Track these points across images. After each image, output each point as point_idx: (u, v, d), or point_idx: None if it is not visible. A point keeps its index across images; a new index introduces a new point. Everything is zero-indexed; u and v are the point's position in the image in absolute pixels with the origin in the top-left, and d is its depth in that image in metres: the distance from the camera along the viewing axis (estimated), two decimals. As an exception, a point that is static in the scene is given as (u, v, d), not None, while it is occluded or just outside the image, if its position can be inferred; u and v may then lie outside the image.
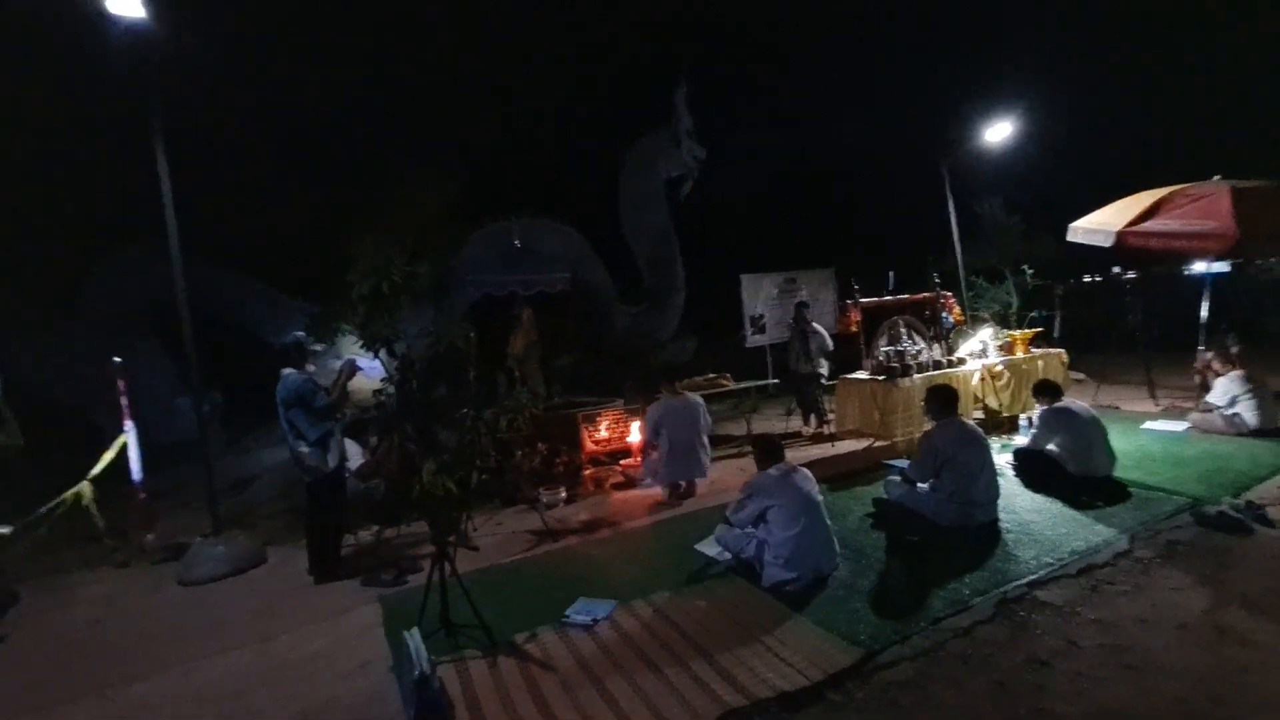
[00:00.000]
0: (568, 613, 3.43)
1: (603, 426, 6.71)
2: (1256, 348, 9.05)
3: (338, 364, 5.10)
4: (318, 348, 5.15)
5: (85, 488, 5.00)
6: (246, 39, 9.01)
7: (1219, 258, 7.86)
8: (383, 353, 5.72)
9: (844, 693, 2.64)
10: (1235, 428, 5.75)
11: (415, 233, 6.22)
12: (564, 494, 5.76)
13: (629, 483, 6.10)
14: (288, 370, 4.27)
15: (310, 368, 4.45)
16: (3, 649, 3.79)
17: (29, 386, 7.27)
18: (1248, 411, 5.71)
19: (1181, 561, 3.54)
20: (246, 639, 3.57)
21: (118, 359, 5.24)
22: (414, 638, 2.83)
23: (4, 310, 7.51)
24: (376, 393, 5.08)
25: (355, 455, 5.46)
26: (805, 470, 3.83)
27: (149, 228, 8.50)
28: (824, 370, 7.18)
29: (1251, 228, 5.64)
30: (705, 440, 5.60)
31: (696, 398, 5.72)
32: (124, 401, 5.13)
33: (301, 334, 4.59)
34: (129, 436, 5.15)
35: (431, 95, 11.30)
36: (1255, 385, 5.77)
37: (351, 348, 6.16)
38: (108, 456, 5.16)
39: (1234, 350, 6.18)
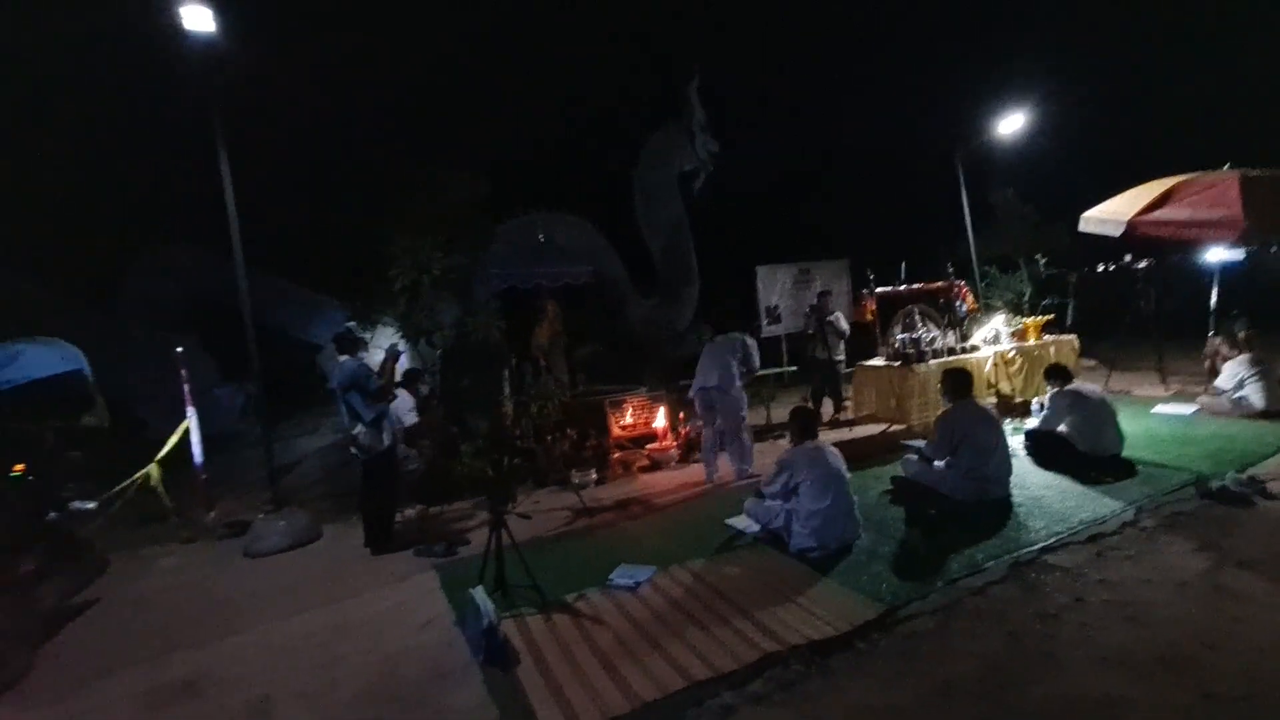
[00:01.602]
0: (611, 577, 3.74)
1: (628, 413, 7.01)
2: (1269, 333, 9.19)
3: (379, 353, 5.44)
4: (365, 336, 5.47)
5: (154, 469, 5.38)
6: (279, 45, 9.34)
7: (1229, 245, 8.00)
8: (421, 342, 6.09)
9: (869, 642, 2.92)
10: (1242, 410, 5.95)
11: (447, 229, 6.52)
12: (594, 475, 6.07)
13: (655, 466, 6.39)
14: (344, 357, 4.59)
15: (362, 354, 4.78)
16: (99, 609, 4.16)
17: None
18: (1254, 394, 5.90)
19: (1184, 530, 3.78)
20: (318, 601, 3.91)
21: (180, 349, 5.59)
22: (480, 593, 3.14)
23: (60, 304, 7.91)
24: (416, 378, 5.43)
25: (406, 407, 5.72)
26: (834, 448, 4.10)
27: (187, 228, 8.91)
28: (841, 357, 7.42)
29: (1259, 215, 5.81)
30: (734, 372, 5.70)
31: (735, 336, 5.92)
32: (186, 389, 5.48)
33: (352, 324, 4.91)
34: (191, 422, 5.51)
35: (455, 96, 11.61)
36: (1262, 368, 5.95)
37: (389, 338, 6.48)
38: (172, 440, 5.53)
39: (1241, 335, 6.36)
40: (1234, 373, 6.06)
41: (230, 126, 4.97)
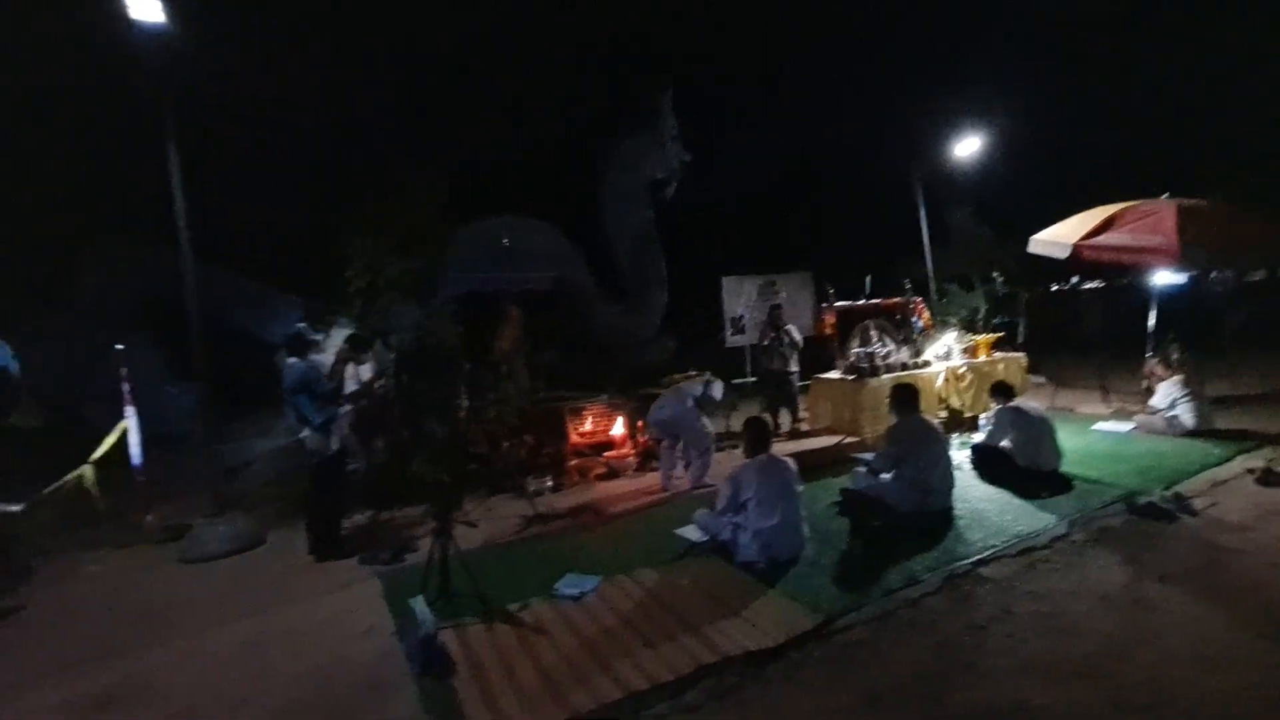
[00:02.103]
0: (557, 586, 3.73)
1: (587, 420, 7.00)
2: (1208, 357, 9.65)
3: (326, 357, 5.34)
4: (317, 338, 5.37)
5: (88, 470, 5.18)
6: (239, 40, 9.15)
7: (1168, 270, 8.38)
8: (377, 344, 6.00)
9: (804, 651, 2.97)
10: (1174, 429, 6.22)
11: (406, 231, 6.45)
12: (550, 482, 6.05)
13: (612, 474, 6.40)
14: (292, 359, 4.51)
15: (313, 356, 4.69)
16: (23, 617, 3.99)
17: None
18: (1185, 413, 6.18)
19: (1111, 544, 3.94)
20: (254, 609, 3.81)
21: (119, 346, 5.40)
22: (419, 603, 3.11)
23: (6, 299, 7.60)
24: (372, 382, 5.35)
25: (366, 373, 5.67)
26: (789, 461, 4.15)
27: (140, 222, 8.63)
28: (795, 368, 7.54)
29: (1192, 242, 6.11)
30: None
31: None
32: (126, 388, 5.30)
33: (303, 325, 4.82)
34: (130, 422, 5.32)
35: (421, 96, 11.52)
36: (1192, 390, 6.24)
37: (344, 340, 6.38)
38: (109, 441, 5.34)
39: (1175, 358, 6.65)
40: (1167, 393, 6.34)
41: (186, 120, 4.85)
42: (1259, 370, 9.71)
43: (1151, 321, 7.48)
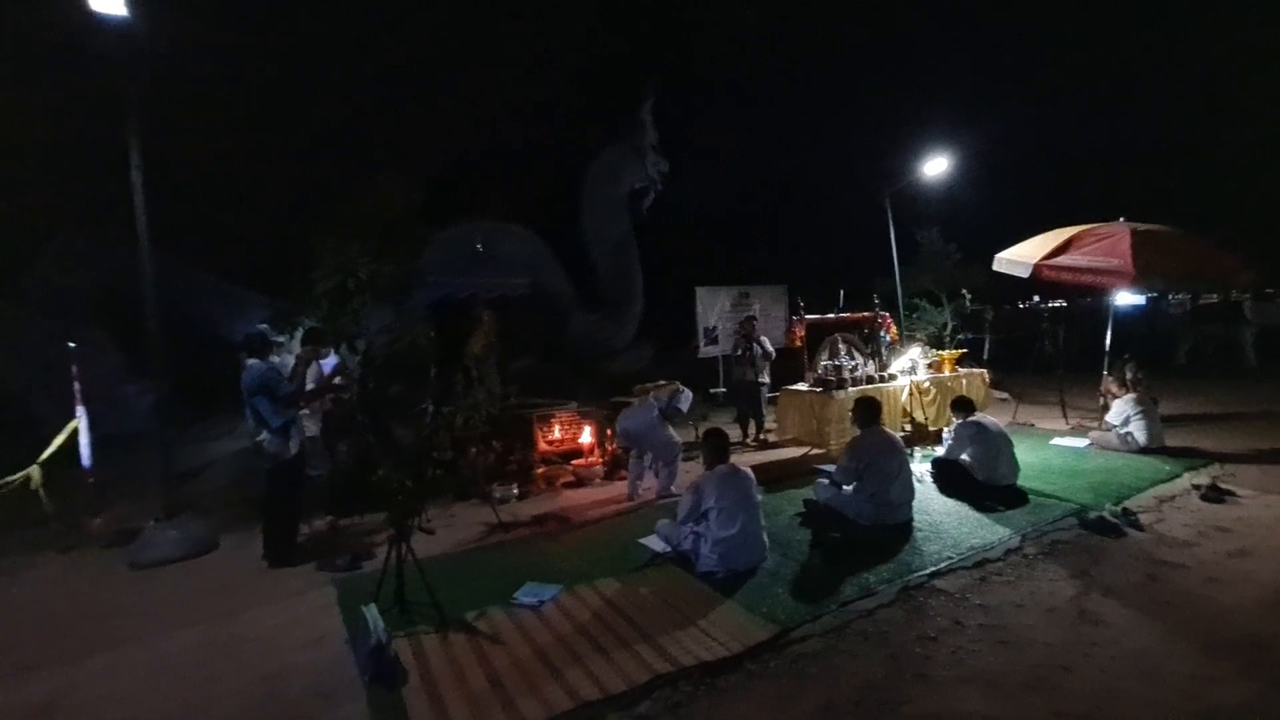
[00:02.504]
0: (516, 595, 3.70)
1: (556, 428, 6.97)
2: (1162, 376, 9.97)
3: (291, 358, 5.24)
4: (280, 339, 5.26)
5: (35, 471, 5.00)
6: (208, 30, 8.98)
7: (1124, 291, 8.69)
8: (343, 348, 5.92)
9: (760, 662, 2.99)
10: (1128, 445, 6.41)
11: (379, 232, 6.37)
12: (516, 490, 5.99)
13: (580, 482, 6.37)
14: (252, 360, 4.41)
15: (274, 358, 4.60)
16: (-48, 624, 3.82)
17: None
18: (1138, 430, 6.38)
19: (1060, 558, 4.04)
20: (202, 616, 3.70)
21: (72, 344, 5.24)
22: (371, 611, 3.06)
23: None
24: (338, 387, 5.27)
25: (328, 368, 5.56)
26: (748, 471, 4.18)
27: (100, 215, 8.40)
28: (766, 379, 7.62)
29: (1147, 265, 6.36)
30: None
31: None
32: (76, 387, 5.13)
33: (265, 326, 4.73)
34: (80, 422, 5.16)
35: (399, 96, 11.41)
36: (1145, 408, 6.45)
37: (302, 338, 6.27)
38: (58, 441, 5.16)
39: (1129, 376, 6.88)
40: (1122, 410, 6.54)
41: (151, 110, 4.73)
42: (1208, 390, 10.08)
43: (1108, 340, 7.72)
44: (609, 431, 7.08)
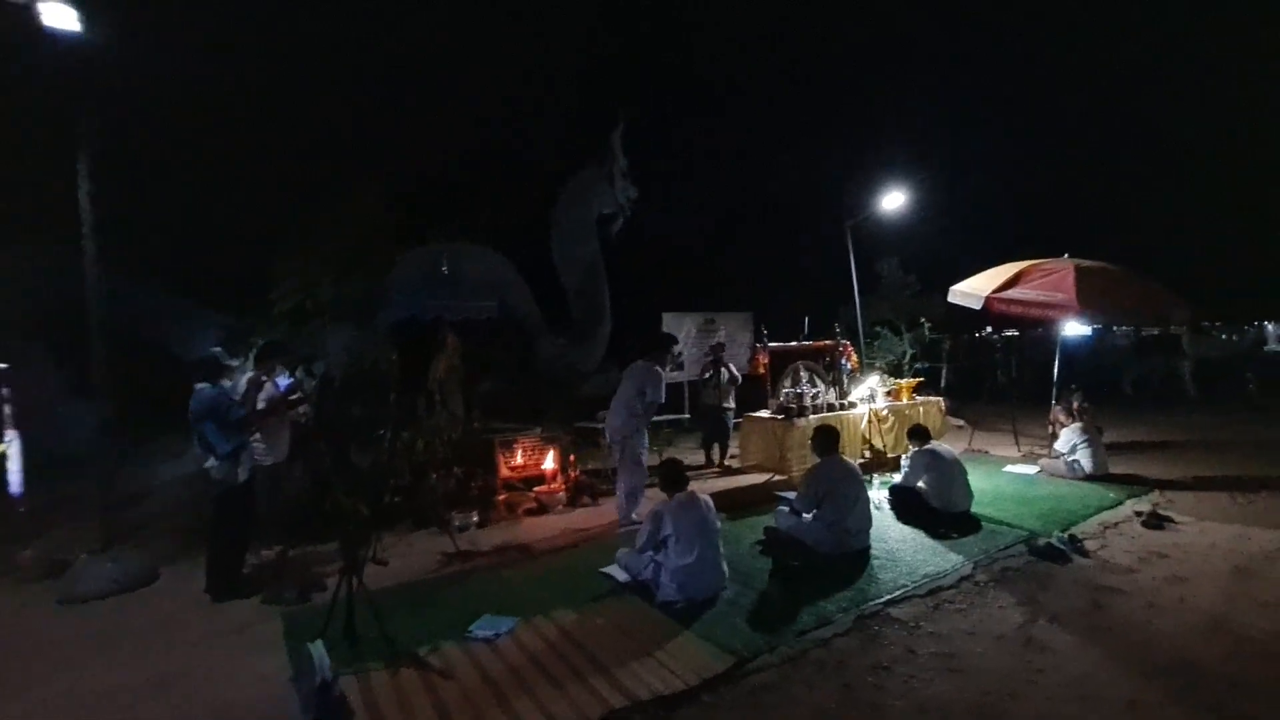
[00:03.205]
0: (471, 628, 3.61)
1: (519, 453, 6.89)
2: (1111, 404, 10.40)
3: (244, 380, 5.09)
4: (233, 363, 5.11)
5: (-42, 499, 4.71)
6: (173, 42, 8.84)
7: (1071, 323, 9.07)
8: (299, 370, 5.78)
9: (716, 694, 2.97)
10: (1074, 472, 6.65)
11: (342, 252, 6.30)
12: (476, 517, 5.88)
13: (542, 509, 6.29)
14: (202, 384, 4.27)
15: (225, 383, 4.46)
16: None
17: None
18: (1084, 458, 6.63)
19: (1010, 585, 4.15)
20: (136, 653, 3.52)
21: (3, 365, 5.00)
22: (316, 647, 2.94)
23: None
24: (294, 403, 5.13)
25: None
26: (706, 498, 4.19)
27: (47, 226, 8.08)
28: (731, 405, 7.70)
29: (1090, 300, 6.69)
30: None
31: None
32: (7, 410, 4.89)
33: (219, 349, 4.59)
34: (10, 447, 4.90)
35: (366, 115, 11.38)
36: (1091, 436, 6.70)
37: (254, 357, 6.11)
38: (-14, 466, 4.89)
39: (1076, 405, 7.15)
40: (1069, 439, 6.79)
41: (105, 121, 4.60)
42: (1151, 419, 10.55)
43: (1056, 370, 8.03)
44: (571, 458, 7.04)
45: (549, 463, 6.80)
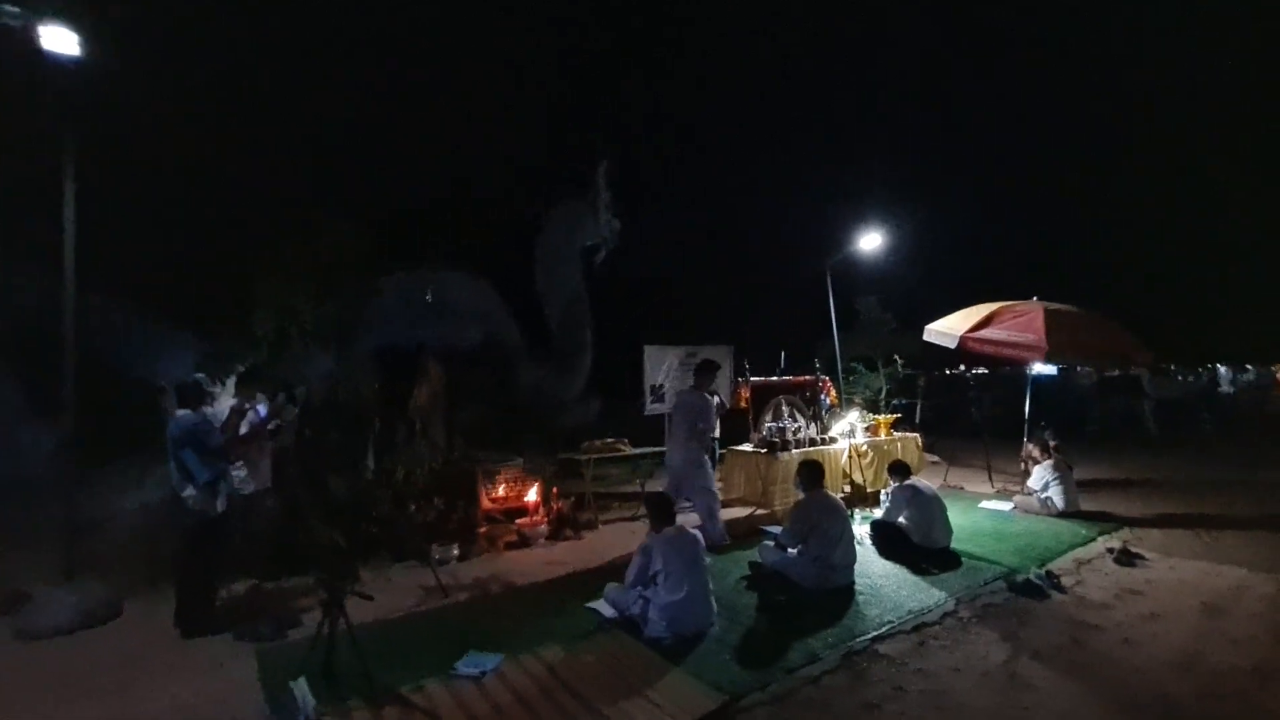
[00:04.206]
0: (456, 665, 3.53)
1: (501, 485, 6.81)
2: (1076, 442, 10.67)
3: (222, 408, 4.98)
4: (216, 389, 5.00)
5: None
6: (154, 62, 8.78)
7: (1039, 364, 9.38)
8: (280, 396, 5.66)
9: (707, 734, 2.95)
10: (1047, 509, 6.80)
11: (324, 276, 6.25)
12: (457, 551, 5.77)
13: (524, 542, 6.21)
14: (182, 410, 4.18)
15: (206, 409, 4.37)
16: None
17: None
18: (1057, 495, 6.79)
19: (992, 621, 4.21)
20: (100, 692, 3.36)
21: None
22: (299, 685, 2.86)
23: None
24: (274, 431, 5.03)
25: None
26: (695, 533, 4.21)
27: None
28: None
29: (1058, 341, 6.94)
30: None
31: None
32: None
33: (201, 375, 4.49)
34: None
35: (347, 139, 11.40)
36: (1062, 474, 6.89)
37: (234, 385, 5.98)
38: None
39: (1050, 443, 7.35)
40: (1041, 476, 6.96)
41: (85, 142, 4.54)
42: (1114, 457, 10.87)
43: (1028, 409, 8.27)
44: (554, 490, 6.98)
45: (531, 495, 6.73)
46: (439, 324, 8.56)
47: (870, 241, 9.43)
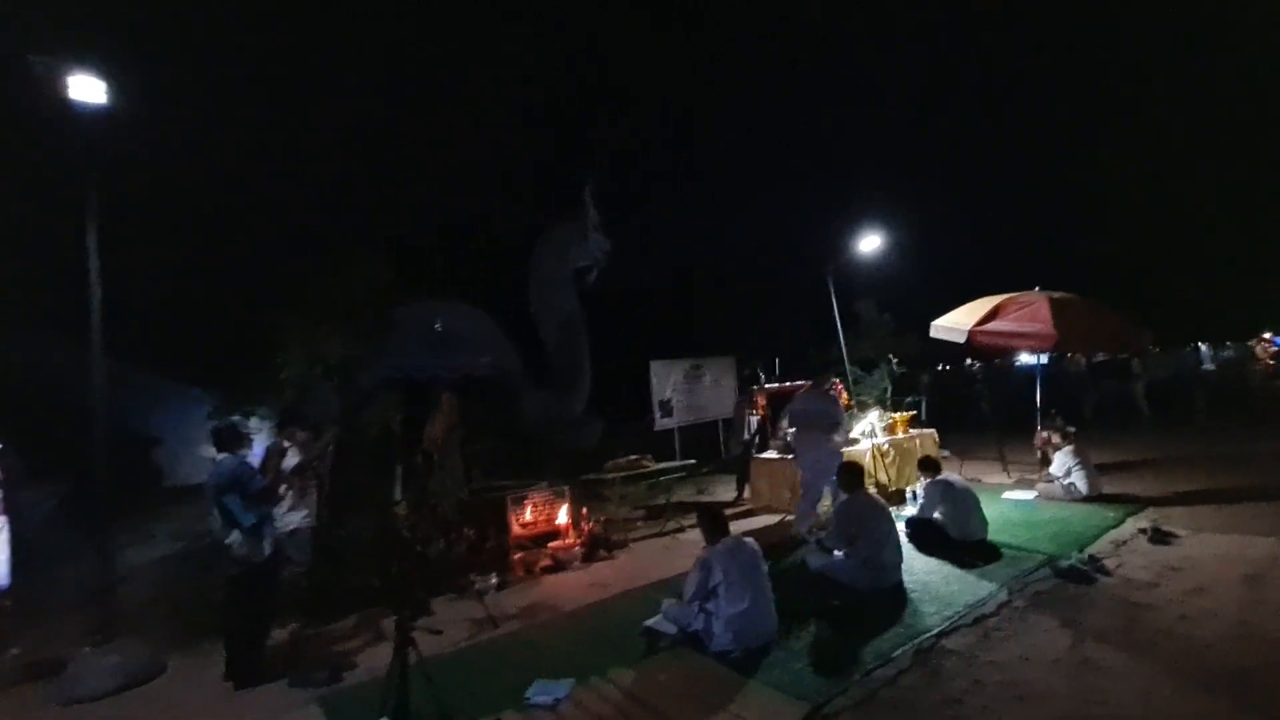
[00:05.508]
0: (528, 694, 3.47)
1: (529, 509, 6.75)
2: (1076, 427, 10.85)
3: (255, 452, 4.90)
4: (251, 433, 4.91)
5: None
6: (165, 111, 8.76)
7: (1047, 353, 9.57)
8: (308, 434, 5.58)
9: (801, 743, 2.93)
10: (1071, 494, 6.89)
11: (343, 315, 6.21)
12: (495, 580, 5.70)
13: (559, 566, 6.14)
14: (222, 455, 4.11)
15: (243, 452, 4.29)
16: None
17: None
18: (1080, 480, 6.89)
19: (1047, 608, 4.24)
20: (166, 755, 3.25)
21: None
22: (386, 728, 2.79)
23: None
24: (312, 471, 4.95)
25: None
26: (753, 542, 4.17)
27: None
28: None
29: (1066, 330, 7.09)
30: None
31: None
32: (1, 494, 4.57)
33: (237, 418, 4.43)
34: (1, 534, 4.56)
35: (353, 178, 11.44)
36: (1083, 458, 7.00)
37: (264, 433, 5.88)
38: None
39: (1068, 430, 7.46)
40: (1063, 462, 7.05)
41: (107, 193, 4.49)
42: (1114, 440, 11.05)
43: (1039, 398, 8.40)
44: (584, 510, 6.94)
45: (562, 517, 6.67)
46: (450, 355, 8.52)
47: (869, 244, 9.60)
